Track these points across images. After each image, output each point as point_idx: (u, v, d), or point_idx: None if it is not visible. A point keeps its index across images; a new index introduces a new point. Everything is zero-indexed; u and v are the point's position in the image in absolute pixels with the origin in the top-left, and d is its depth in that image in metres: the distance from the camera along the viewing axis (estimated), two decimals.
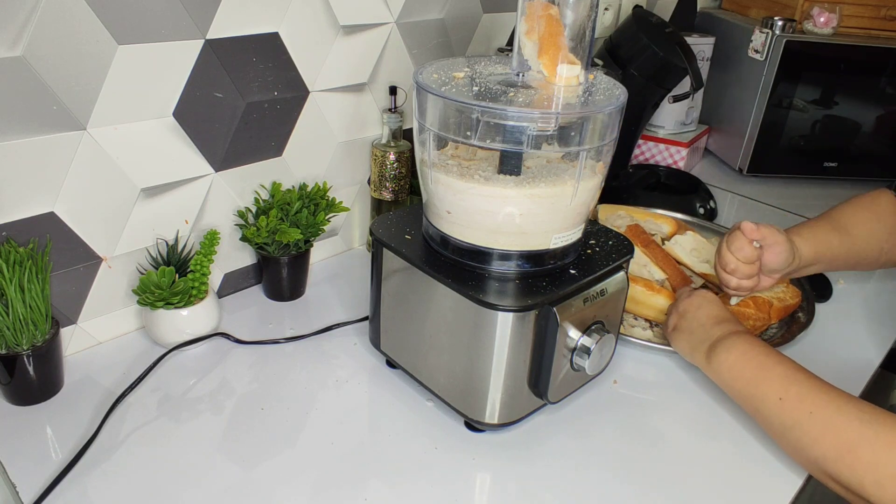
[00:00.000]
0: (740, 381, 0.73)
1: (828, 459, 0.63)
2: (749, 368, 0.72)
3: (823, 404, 0.65)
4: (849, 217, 0.93)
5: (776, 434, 0.69)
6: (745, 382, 0.72)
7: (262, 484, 0.68)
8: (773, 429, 0.69)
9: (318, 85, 0.96)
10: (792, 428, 0.66)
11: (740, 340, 0.75)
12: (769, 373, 0.70)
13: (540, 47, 0.68)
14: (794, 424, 0.66)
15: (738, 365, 0.73)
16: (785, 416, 0.67)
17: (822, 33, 1.39)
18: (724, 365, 0.75)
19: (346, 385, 0.82)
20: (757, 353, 0.73)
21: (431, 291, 0.73)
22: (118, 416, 0.75)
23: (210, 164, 0.89)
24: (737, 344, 0.75)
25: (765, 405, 0.69)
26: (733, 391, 0.74)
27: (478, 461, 0.73)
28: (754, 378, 0.71)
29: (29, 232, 0.75)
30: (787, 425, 0.67)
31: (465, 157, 0.74)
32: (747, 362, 0.73)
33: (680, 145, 1.51)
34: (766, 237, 0.85)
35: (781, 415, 0.68)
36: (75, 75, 0.73)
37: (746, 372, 0.72)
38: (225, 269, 0.97)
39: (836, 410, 0.64)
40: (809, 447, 0.65)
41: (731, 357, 0.74)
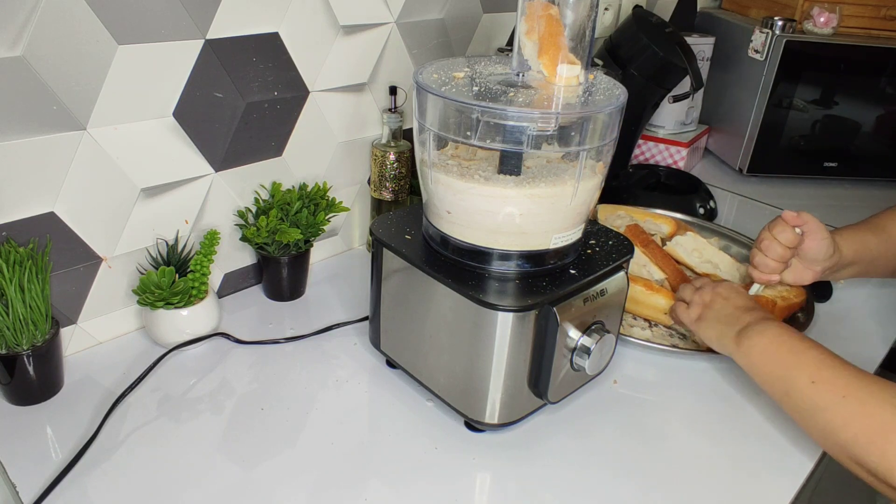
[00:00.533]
0: (771, 363, 0.72)
1: (857, 444, 0.62)
2: (781, 351, 0.71)
3: (857, 388, 0.64)
4: (888, 220, 0.92)
5: (805, 417, 0.68)
6: (777, 365, 0.71)
7: (262, 484, 0.68)
8: (802, 412, 0.68)
9: (318, 85, 0.96)
10: (823, 410, 0.66)
11: (772, 325, 0.74)
12: (802, 356, 0.70)
13: (540, 47, 0.68)
14: (826, 407, 0.66)
15: (771, 348, 0.73)
16: (816, 398, 0.67)
17: (822, 33, 1.39)
18: (756, 348, 0.74)
19: (346, 385, 0.82)
20: (790, 337, 0.72)
21: (431, 291, 0.73)
22: (118, 416, 0.75)
23: (210, 164, 0.89)
24: (769, 328, 0.74)
25: (795, 388, 0.69)
26: (762, 375, 0.73)
27: (478, 461, 0.73)
28: (786, 361, 0.71)
29: (29, 232, 0.75)
30: (819, 407, 0.66)
31: (465, 157, 0.74)
32: (780, 346, 0.72)
33: (680, 145, 1.51)
34: (808, 223, 0.86)
35: (813, 397, 0.67)
36: (75, 75, 0.73)
37: (779, 355, 0.72)
38: (225, 269, 0.97)
39: (870, 395, 0.63)
40: (839, 431, 0.64)
41: (764, 340, 0.73)
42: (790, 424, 0.80)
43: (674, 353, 0.91)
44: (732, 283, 0.85)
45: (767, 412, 0.82)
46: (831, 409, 0.65)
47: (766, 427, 0.80)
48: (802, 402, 0.68)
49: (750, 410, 0.82)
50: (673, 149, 1.52)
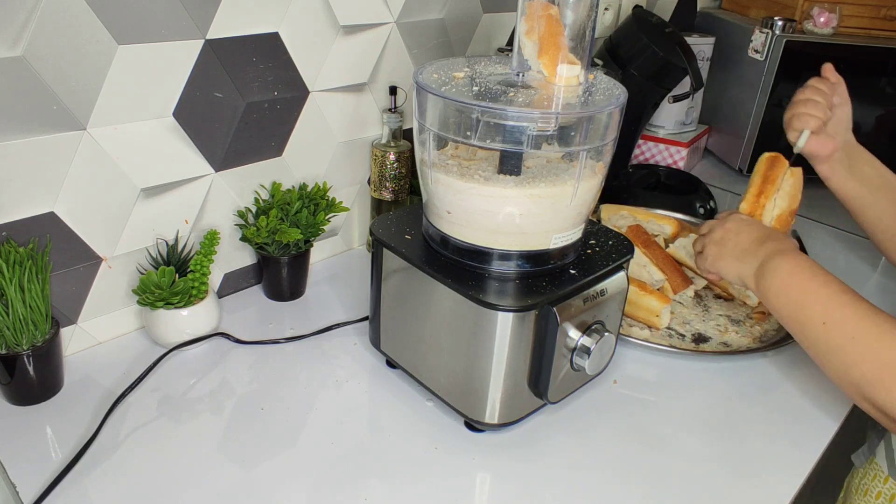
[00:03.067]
0: (787, 305, 0.73)
1: (865, 382, 0.64)
2: (794, 292, 0.72)
3: (866, 329, 0.65)
4: None
5: (819, 357, 0.70)
6: (791, 307, 0.72)
7: (262, 484, 0.68)
8: (817, 352, 0.70)
9: (318, 85, 0.96)
10: (835, 351, 0.67)
11: (785, 261, 0.74)
12: (813, 296, 0.70)
13: (540, 47, 0.68)
14: (837, 348, 0.67)
15: (784, 289, 0.73)
16: (829, 340, 0.68)
17: (822, 33, 1.39)
18: (771, 290, 0.74)
19: (346, 385, 0.82)
20: (802, 276, 0.72)
21: (431, 291, 0.73)
22: (118, 416, 0.75)
23: (210, 164, 0.89)
24: (782, 265, 0.74)
25: (809, 329, 0.70)
26: (780, 315, 0.74)
27: (478, 461, 0.73)
28: (799, 302, 0.71)
29: (29, 232, 0.75)
30: (831, 348, 0.68)
31: (465, 157, 0.74)
32: (792, 286, 0.72)
33: (680, 145, 1.51)
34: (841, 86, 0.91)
35: (826, 339, 0.68)
36: (75, 75, 0.73)
37: (792, 295, 0.72)
38: (225, 269, 0.97)
39: (878, 335, 0.64)
40: (849, 370, 0.66)
41: (777, 281, 0.73)
42: (790, 425, 0.80)
43: (674, 353, 0.91)
44: (740, 215, 0.85)
45: (767, 412, 0.82)
46: (842, 350, 0.66)
47: (766, 427, 0.80)
48: (817, 343, 0.69)
49: (750, 410, 0.82)
50: (673, 149, 1.52)
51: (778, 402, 0.84)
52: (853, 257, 1.21)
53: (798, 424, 0.80)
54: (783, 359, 0.91)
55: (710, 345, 0.93)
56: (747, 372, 0.89)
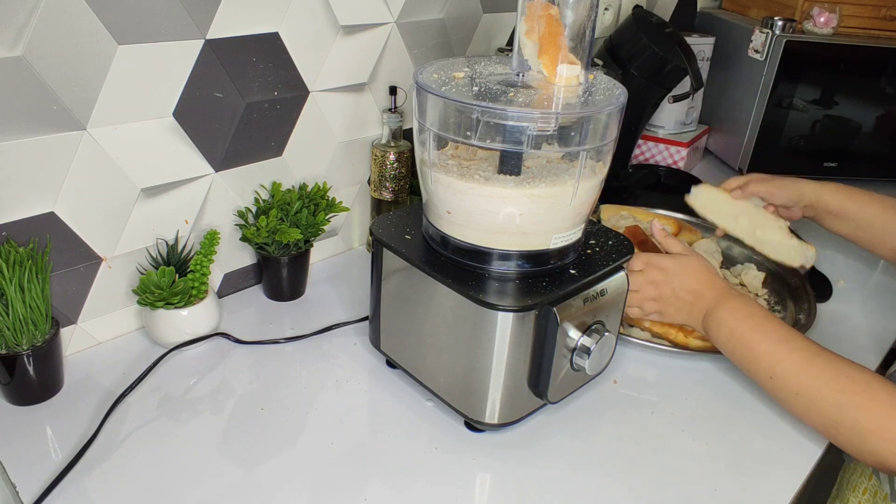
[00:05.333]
0: (734, 357, 0.78)
1: (818, 429, 0.71)
2: (739, 347, 0.76)
3: (806, 385, 0.70)
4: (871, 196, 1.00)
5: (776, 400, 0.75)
6: (739, 360, 0.77)
7: (262, 484, 0.68)
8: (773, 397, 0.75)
9: (318, 85, 0.96)
10: (785, 403, 0.73)
11: (726, 313, 0.78)
12: (756, 351, 0.74)
13: (540, 47, 0.68)
14: (786, 401, 0.73)
15: (730, 343, 0.77)
16: (777, 393, 0.74)
17: (822, 33, 1.39)
18: (719, 341, 0.79)
19: (346, 385, 0.82)
20: (743, 329, 0.76)
21: (431, 291, 0.73)
22: (118, 416, 0.75)
23: (210, 164, 0.89)
24: (725, 319, 0.78)
25: (760, 381, 0.75)
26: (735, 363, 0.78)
27: (478, 461, 0.73)
28: (745, 357, 0.76)
29: (29, 232, 0.75)
30: (781, 399, 0.74)
31: (465, 157, 0.74)
32: (736, 341, 0.77)
33: (680, 145, 1.51)
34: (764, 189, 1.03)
35: (775, 392, 0.74)
36: (75, 75, 0.73)
37: (737, 350, 0.77)
38: (225, 269, 0.97)
39: (818, 393, 0.69)
40: (802, 417, 0.72)
41: (722, 335, 0.78)
42: (790, 425, 0.80)
43: (674, 353, 0.91)
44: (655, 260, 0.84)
45: (767, 412, 0.82)
46: (789, 404, 0.73)
47: (766, 427, 0.80)
48: (769, 391, 0.75)
49: (750, 410, 0.82)
50: (673, 149, 1.52)
51: None
52: (853, 258, 1.20)
53: (798, 424, 0.80)
54: None
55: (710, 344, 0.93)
56: None
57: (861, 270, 1.18)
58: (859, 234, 0.99)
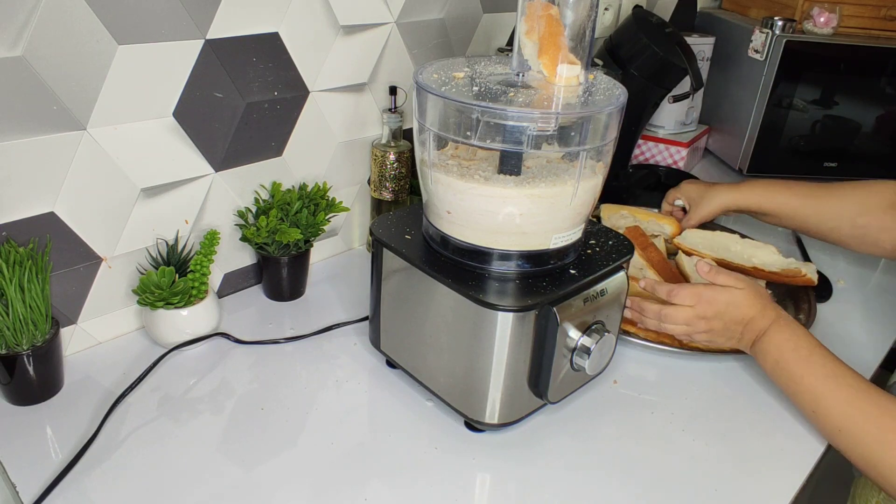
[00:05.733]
0: (780, 385, 0.79)
1: (861, 467, 0.70)
2: (783, 378, 0.78)
3: (850, 423, 0.70)
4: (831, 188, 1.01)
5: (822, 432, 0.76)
6: (784, 389, 0.79)
7: (262, 484, 0.68)
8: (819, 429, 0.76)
9: (318, 85, 0.96)
10: (828, 436, 0.74)
11: (773, 345, 0.79)
12: (800, 385, 0.75)
13: (540, 47, 0.68)
14: (829, 435, 0.74)
15: (775, 374, 0.79)
16: (820, 426, 0.75)
17: (822, 33, 1.39)
18: (766, 370, 0.81)
19: (346, 385, 0.82)
20: (789, 361, 0.77)
21: (431, 291, 0.73)
22: (118, 416, 0.75)
23: (210, 164, 0.89)
24: (769, 350, 0.79)
25: (805, 412, 0.76)
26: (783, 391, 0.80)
27: (478, 461, 0.73)
28: (789, 388, 0.78)
29: (29, 232, 0.75)
30: (826, 432, 0.74)
31: (465, 157, 0.74)
32: (781, 372, 0.78)
33: (680, 145, 1.51)
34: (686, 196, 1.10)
35: (819, 425, 0.75)
36: (75, 75, 0.73)
37: (782, 382, 0.78)
38: (225, 269, 0.97)
39: (861, 430, 0.69)
40: (846, 454, 0.72)
41: (768, 365, 0.80)
42: (790, 425, 0.80)
43: (674, 353, 0.91)
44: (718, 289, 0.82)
45: (767, 412, 0.82)
46: (833, 439, 0.73)
47: (766, 427, 0.80)
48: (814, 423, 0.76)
49: (750, 410, 0.82)
50: (673, 149, 1.52)
51: (778, 401, 0.84)
52: (853, 258, 1.20)
53: (798, 424, 0.80)
54: None
55: None
56: (747, 372, 0.89)
57: (861, 270, 1.18)
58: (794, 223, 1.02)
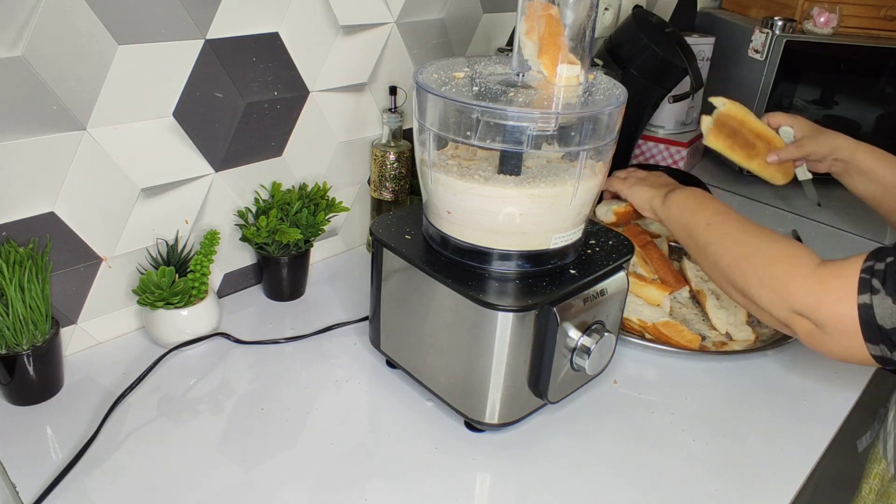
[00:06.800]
0: (684, 213, 0.84)
1: (729, 267, 0.74)
2: (691, 203, 0.84)
3: (739, 228, 0.76)
4: None
5: (700, 253, 0.80)
6: (686, 214, 0.83)
7: (262, 484, 0.68)
8: (698, 249, 0.80)
9: (318, 85, 0.96)
10: (712, 245, 0.78)
11: (691, 191, 0.87)
12: (705, 207, 0.82)
13: (540, 47, 0.68)
14: (714, 242, 0.77)
15: (685, 202, 0.84)
16: (709, 236, 0.79)
17: (822, 33, 1.39)
18: (674, 202, 0.85)
19: (346, 385, 0.82)
20: (701, 195, 0.85)
21: (431, 291, 0.73)
22: (118, 416, 0.75)
23: (210, 164, 0.89)
24: (687, 190, 0.87)
25: (696, 230, 0.80)
26: (677, 224, 0.84)
27: (478, 461, 0.73)
28: (693, 210, 0.83)
29: (29, 232, 0.75)
30: (710, 243, 0.78)
31: (465, 157, 0.74)
32: (692, 200, 0.84)
33: (680, 145, 1.51)
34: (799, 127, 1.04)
35: (706, 236, 0.79)
36: (75, 75, 0.73)
37: (689, 206, 0.84)
38: (225, 269, 0.97)
39: (743, 232, 0.75)
40: (719, 258, 0.76)
41: (681, 196, 0.85)
42: (789, 425, 0.80)
43: (674, 353, 0.91)
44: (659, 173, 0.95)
45: (767, 412, 0.82)
46: (716, 244, 0.77)
47: (766, 427, 0.80)
48: (699, 241, 0.80)
49: (750, 410, 0.82)
50: (673, 149, 1.52)
51: (778, 401, 0.84)
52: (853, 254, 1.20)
53: (798, 424, 0.80)
54: (783, 358, 0.92)
55: (709, 345, 0.93)
56: (747, 372, 0.89)
57: None
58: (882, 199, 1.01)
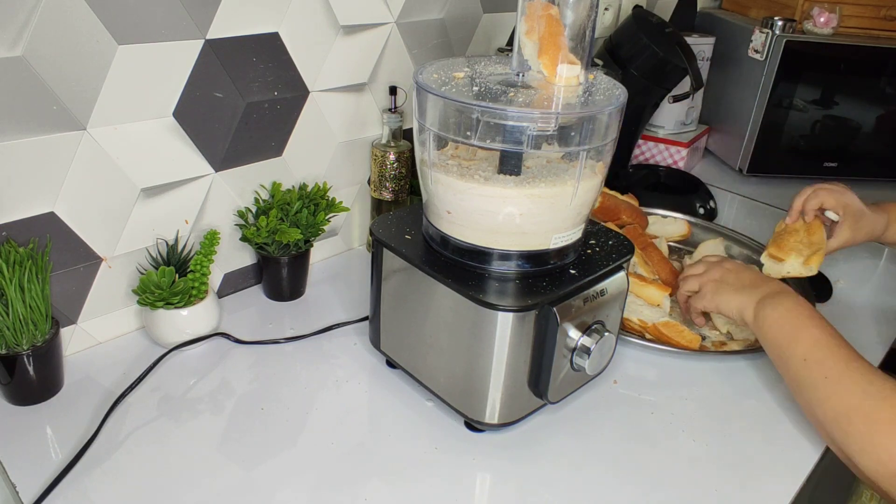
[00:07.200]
0: (778, 337, 0.77)
1: (828, 421, 0.69)
2: (787, 326, 0.76)
3: (839, 372, 0.69)
4: None
5: (795, 390, 0.74)
6: (781, 339, 0.76)
7: (262, 484, 0.68)
8: (794, 384, 0.74)
9: (318, 85, 0.96)
10: (808, 388, 0.72)
11: (787, 299, 0.79)
12: (804, 333, 0.74)
13: (540, 47, 0.68)
14: (811, 385, 0.71)
15: (780, 322, 0.77)
16: (805, 375, 0.72)
17: (822, 33, 1.39)
18: (768, 320, 0.78)
19: (346, 385, 0.82)
20: (799, 314, 0.77)
21: (431, 291, 0.73)
22: (118, 416, 0.75)
23: (210, 164, 0.89)
24: (783, 301, 0.79)
25: (792, 362, 0.74)
26: (770, 347, 0.78)
27: (478, 461, 0.73)
28: (789, 336, 0.76)
29: (29, 232, 0.75)
30: (806, 384, 0.72)
31: (465, 157, 0.74)
32: (788, 320, 0.76)
33: (680, 145, 1.51)
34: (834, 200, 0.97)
35: (802, 373, 0.72)
36: (75, 75, 0.73)
37: (785, 329, 0.76)
38: (225, 269, 0.97)
39: (849, 379, 0.68)
40: (817, 407, 0.70)
41: (776, 313, 0.78)
42: (790, 425, 0.80)
43: (674, 353, 0.91)
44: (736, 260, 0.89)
45: (767, 412, 0.82)
46: (814, 388, 0.71)
47: (766, 427, 0.80)
48: (794, 376, 0.74)
49: (750, 410, 0.82)
50: (673, 149, 1.52)
51: (778, 401, 0.84)
52: (853, 258, 1.20)
53: (798, 424, 0.80)
54: None
55: (709, 345, 0.93)
56: (747, 372, 0.89)
57: (861, 270, 1.18)
58: None
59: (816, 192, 0.98)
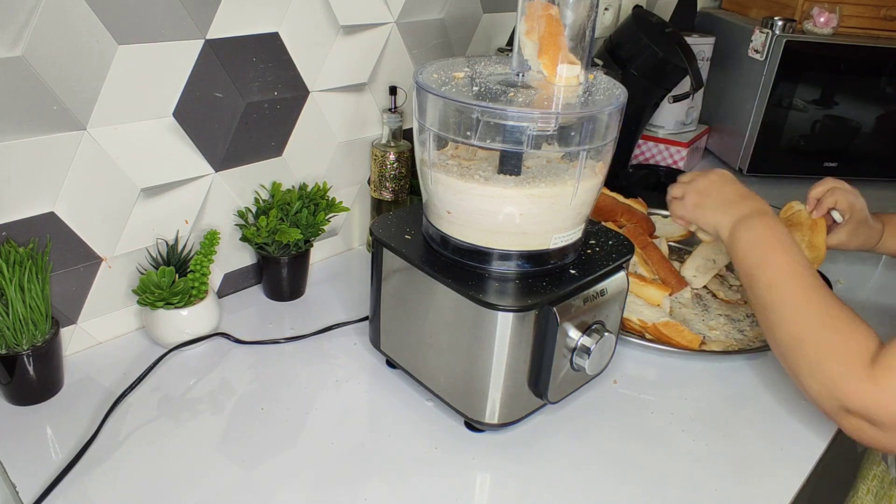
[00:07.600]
0: (748, 259, 0.78)
1: (784, 344, 0.71)
2: (758, 250, 0.77)
3: (800, 300, 0.71)
4: None
5: (758, 311, 0.76)
6: (751, 261, 0.77)
7: (262, 484, 0.68)
8: (758, 307, 0.76)
9: (318, 85, 0.96)
10: (770, 311, 0.73)
11: (763, 222, 0.79)
12: (771, 258, 0.75)
13: (540, 47, 0.68)
14: (773, 309, 0.73)
15: (751, 245, 0.78)
16: (769, 300, 0.74)
17: (822, 33, 1.39)
18: (741, 242, 0.79)
19: (346, 385, 0.82)
20: (770, 238, 0.77)
21: (431, 291, 0.73)
22: (118, 416, 0.75)
23: (210, 164, 0.89)
24: (759, 224, 0.79)
25: (758, 286, 0.75)
26: (741, 268, 0.79)
27: (478, 461, 0.73)
28: (758, 260, 0.77)
29: (29, 232, 0.75)
30: (767, 307, 0.74)
31: (465, 157, 0.74)
32: (760, 243, 0.77)
33: (680, 145, 1.51)
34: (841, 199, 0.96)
35: (767, 298, 0.74)
36: (75, 75, 0.73)
37: (755, 252, 0.77)
38: (225, 269, 0.97)
39: (808, 307, 0.70)
40: (777, 329, 0.72)
41: (749, 235, 0.79)
42: (789, 425, 0.80)
43: (674, 353, 0.91)
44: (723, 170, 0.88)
45: (767, 412, 0.82)
46: (774, 312, 0.73)
47: (766, 427, 0.80)
48: (760, 300, 0.75)
49: (750, 410, 0.82)
50: (673, 149, 1.52)
51: (778, 401, 0.84)
52: (853, 258, 1.20)
53: (798, 424, 0.80)
54: None
55: (709, 345, 0.93)
56: (747, 372, 0.89)
57: (861, 270, 1.18)
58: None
59: (833, 190, 0.98)
